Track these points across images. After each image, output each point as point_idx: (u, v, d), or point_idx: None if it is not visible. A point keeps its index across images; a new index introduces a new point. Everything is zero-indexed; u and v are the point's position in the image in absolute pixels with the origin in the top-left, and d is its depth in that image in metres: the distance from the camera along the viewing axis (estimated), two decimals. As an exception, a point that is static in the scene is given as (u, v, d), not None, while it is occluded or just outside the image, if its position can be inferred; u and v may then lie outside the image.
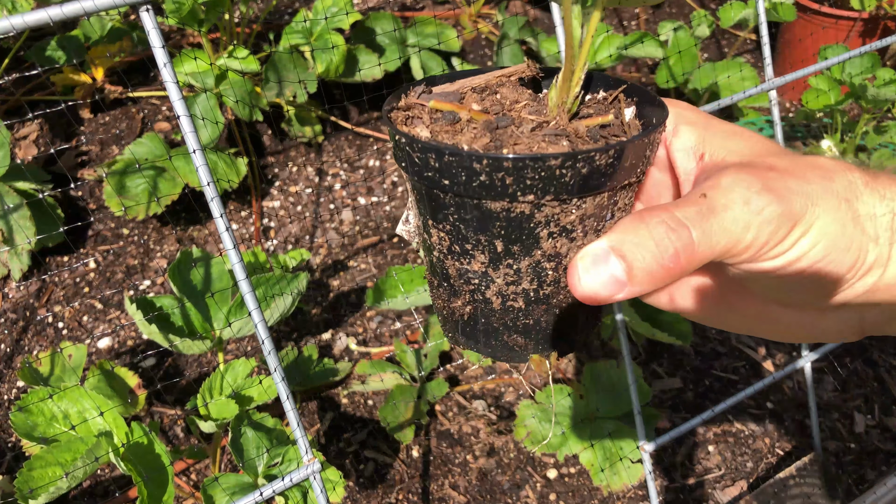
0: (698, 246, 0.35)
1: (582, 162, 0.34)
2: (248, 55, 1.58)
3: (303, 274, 1.14)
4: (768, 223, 0.35)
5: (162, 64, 0.57)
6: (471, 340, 0.42)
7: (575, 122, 0.40)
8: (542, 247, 0.37)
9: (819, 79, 1.62)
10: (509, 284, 0.39)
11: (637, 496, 1.27)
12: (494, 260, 0.38)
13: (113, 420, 0.90)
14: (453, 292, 0.41)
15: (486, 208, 0.36)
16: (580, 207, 0.36)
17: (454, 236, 0.39)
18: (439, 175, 0.36)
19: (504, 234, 0.37)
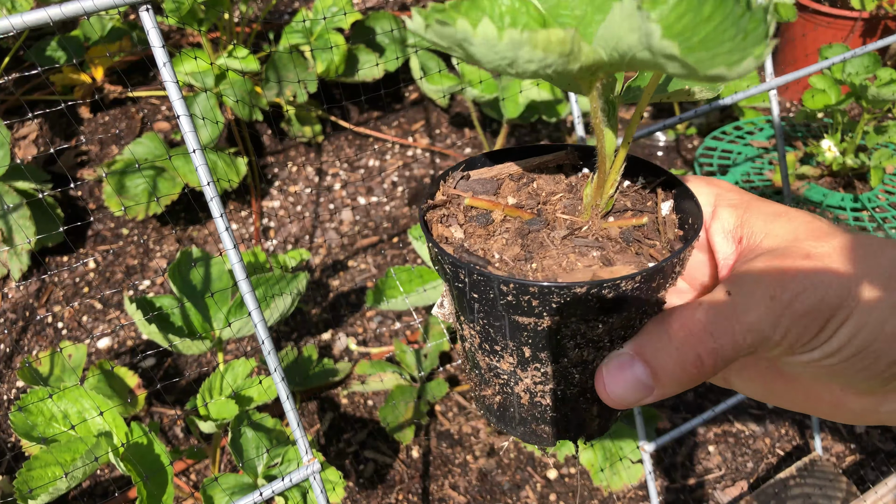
0: (722, 349, 0.34)
1: (607, 289, 0.34)
2: (247, 55, 1.58)
3: (302, 274, 1.14)
4: (799, 319, 0.33)
5: (161, 63, 0.57)
6: (501, 423, 0.43)
7: (609, 221, 0.40)
8: (569, 355, 0.38)
9: (819, 78, 1.62)
10: (537, 384, 0.39)
11: (637, 496, 1.27)
12: (522, 363, 0.39)
13: (112, 420, 0.90)
14: (483, 381, 0.42)
15: (515, 321, 0.37)
16: (606, 323, 0.37)
17: (484, 336, 0.39)
18: (469, 289, 0.36)
19: (532, 342, 0.37)
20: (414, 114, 2.05)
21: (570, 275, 0.36)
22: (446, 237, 0.39)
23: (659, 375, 0.35)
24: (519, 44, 0.28)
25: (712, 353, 0.34)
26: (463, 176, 0.43)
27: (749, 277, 0.35)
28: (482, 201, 0.41)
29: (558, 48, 0.28)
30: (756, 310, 0.34)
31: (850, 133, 1.71)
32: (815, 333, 0.34)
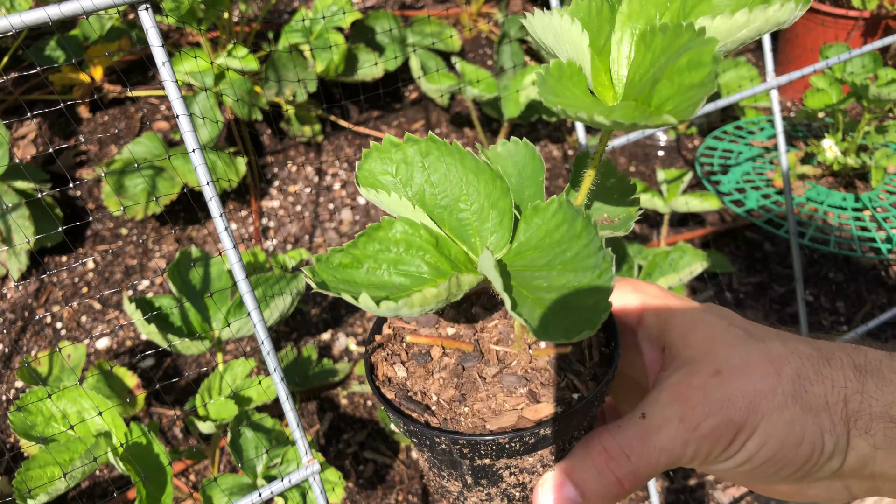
0: (638, 469, 0.38)
1: (529, 436, 0.38)
2: (247, 54, 1.58)
3: (302, 274, 1.14)
4: (705, 438, 0.37)
5: (161, 63, 0.57)
6: None
7: (539, 348, 0.43)
8: (507, 481, 0.42)
9: (820, 78, 1.62)
10: (483, 502, 0.43)
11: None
12: (467, 486, 0.43)
13: (112, 420, 0.89)
14: (440, 493, 0.46)
15: (452, 458, 0.40)
16: (535, 456, 0.40)
17: (430, 464, 0.43)
18: (409, 435, 0.41)
19: (471, 473, 0.41)
20: (414, 113, 2.05)
21: (497, 419, 0.39)
22: (390, 377, 0.42)
23: (586, 495, 0.39)
24: (396, 309, 0.33)
25: (629, 474, 0.38)
26: None
27: (661, 401, 0.39)
28: (422, 338, 0.44)
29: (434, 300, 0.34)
30: (667, 432, 0.38)
31: (851, 133, 1.71)
32: (725, 447, 0.38)
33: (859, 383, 0.38)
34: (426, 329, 0.45)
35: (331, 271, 0.38)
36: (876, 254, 1.53)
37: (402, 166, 0.41)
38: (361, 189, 0.40)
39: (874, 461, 0.38)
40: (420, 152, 0.41)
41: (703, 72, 0.29)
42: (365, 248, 0.40)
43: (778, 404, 0.37)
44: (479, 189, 0.40)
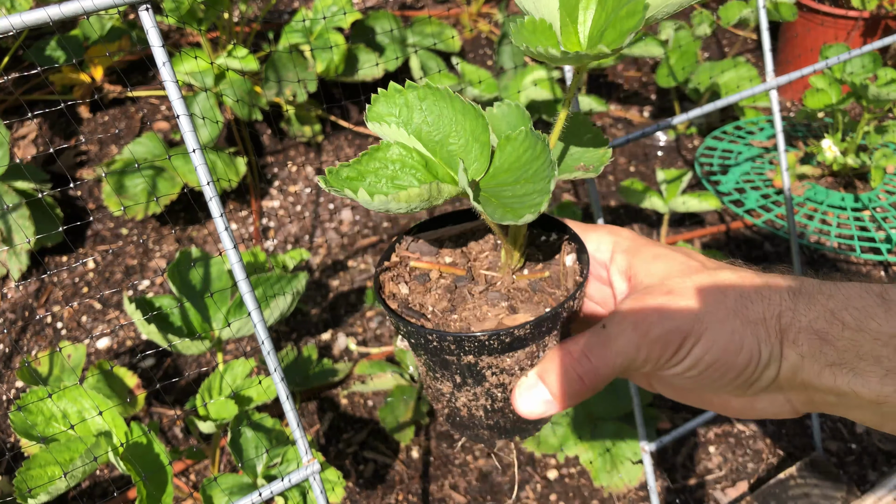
0: (598, 369, 0.45)
1: (505, 335, 0.45)
2: (247, 54, 1.58)
3: (302, 274, 1.14)
4: (656, 342, 0.44)
5: (161, 63, 0.57)
6: (453, 427, 0.55)
7: (522, 274, 0.51)
8: (490, 380, 0.48)
9: (820, 78, 1.62)
10: (470, 401, 0.51)
11: (638, 497, 1.26)
12: (457, 386, 0.50)
13: (112, 420, 0.89)
14: (434, 399, 0.54)
15: (444, 358, 0.48)
16: (512, 357, 0.47)
17: (427, 367, 0.51)
18: (407, 335, 0.48)
19: (459, 372, 0.48)
20: (414, 113, 2.05)
21: (480, 324, 0.47)
22: (394, 293, 0.51)
23: (555, 393, 0.46)
24: (386, 202, 0.41)
25: (590, 372, 0.45)
26: (414, 238, 0.55)
27: (619, 313, 0.46)
28: (424, 263, 0.53)
29: (418, 199, 0.42)
30: (623, 337, 0.44)
31: (850, 133, 1.71)
32: (673, 353, 0.44)
33: (792, 303, 0.44)
34: (427, 258, 0.53)
35: (339, 182, 0.45)
36: (875, 254, 1.53)
37: (403, 109, 0.49)
38: (369, 125, 0.48)
39: (802, 369, 0.43)
40: (418, 97, 0.49)
41: (636, 18, 0.39)
42: (367, 165, 0.47)
43: (721, 317, 0.43)
44: (466, 127, 0.48)
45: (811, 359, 0.42)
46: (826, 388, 0.42)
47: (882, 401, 0.40)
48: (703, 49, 2.38)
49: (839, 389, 0.42)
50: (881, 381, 0.40)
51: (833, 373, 0.42)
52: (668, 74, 1.89)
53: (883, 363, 0.40)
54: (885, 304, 0.41)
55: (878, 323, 0.41)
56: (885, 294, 0.42)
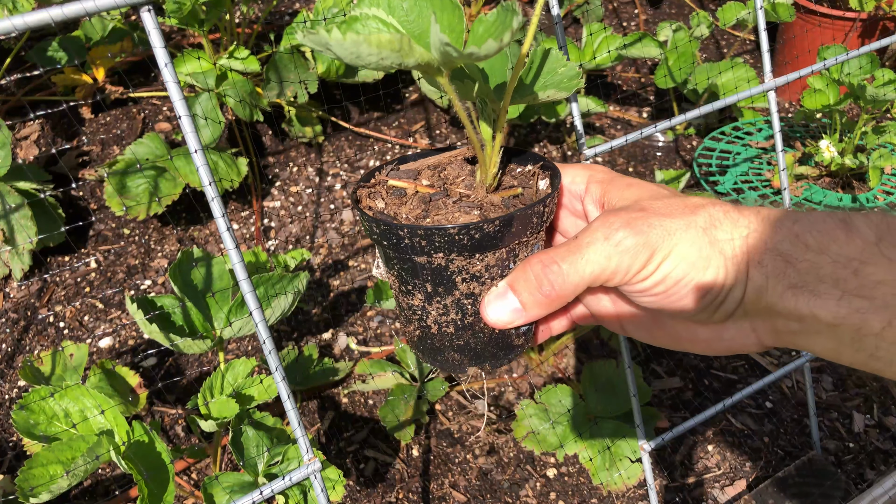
0: (567, 276, 0.45)
1: (474, 230, 0.46)
2: (248, 55, 1.58)
3: (303, 273, 1.14)
4: (626, 252, 0.44)
5: (163, 64, 0.58)
6: (424, 355, 0.55)
7: (494, 194, 0.52)
8: (460, 288, 0.49)
9: (818, 79, 1.62)
10: (441, 315, 0.51)
11: (637, 495, 1.27)
12: (428, 297, 0.50)
13: (114, 419, 0.90)
14: (407, 320, 0.54)
15: (415, 261, 0.48)
16: (482, 261, 0.48)
17: (400, 280, 0.51)
18: (380, 237, 0.48)
19: (431, 279, 0.49)
20: (414, 114, 2.05)
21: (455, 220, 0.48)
22: (371, 206, 0.52)
23: (524, 301, 0.47)
24: (358, 42, 0.39)
25: (559, 280, 0.45)
26: (394, 168, 0.55)
27: (591, 226, 0.46)
28: (401, 182, 0.53)
29: (389, 47, 0.40)
30: (594, 247, 0.45)
31: (848, 133, 1.72)
32: (643, 265, 0.44)
33: (759, 225, 0.44)
34: (406, 180, 0.54)
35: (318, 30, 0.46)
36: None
37: (387, 7, 0.51)
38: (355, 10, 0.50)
39: (766, 291, 0.44)
40: None
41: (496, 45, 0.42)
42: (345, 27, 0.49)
43: (691, 235, 0.44)
44: (443, 20, 0.51)
45: (775, 279, 0.43)
46: (788, 312, 0.43)
47: (838, 323, 0.41)
48: (702, 50, 2.39)
49: (799, 312, 0.42)
50: (838, 303, 0.41)
51: (794, 294, 0.42)
52: (667, 75, 1.89)
53: (840, 285, 0.41)
54: (847, 228, 0.42)
55: (838, 246, 0.42)
56: (847, 219, 0.42)
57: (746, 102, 1.94)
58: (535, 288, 0.46)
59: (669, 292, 0.45)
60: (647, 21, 2.46)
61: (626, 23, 2.45)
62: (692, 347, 0.51)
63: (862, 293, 0.41)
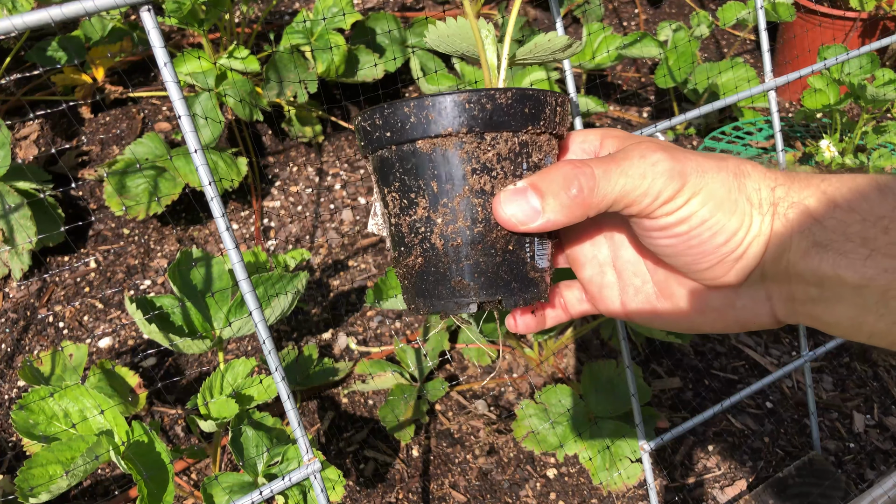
0: (599, 182, 0.42)
1: (486, 99, 0.43)
2: (248, 55, 1.58)
3: (302, 273, 1.14)
4: (661, 174, 0.42)
5: (162, 63, 0.58)
6: (427, 299, 0.48)
7: None
8: (469, 182, 0.45)
9: (818, 78, 1.62)
10: (448, 225, 0.45)
11: (637, 495, 1.27)
12: (433, 202, 0.45)
13: (113, 419, 0.90)
14: (408, 251, 0.48)
15: (420, 152, 0.45)
16: (494, 146, 0.45)
17: (402, 192, 0.46)
18: (382, 129, 0.45)
19: (437, 174, 0.45)
20: (414, 114, 2.05)
21: None
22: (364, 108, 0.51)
23: (546, 201, 0.43)
24: None
25: (591, 184, 0.42)
26: None
27: (625, 148, 0.44)
28: None
29: None
30: (630, 161, 0.43)
31: (848, 133, 1.71)
32: (674, 194, 0.42)
33: (787, 180, 0.44)
34: None
35: None
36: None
37: None
38: None
39: (789, 248, 0.42)
40: None
41: None
42: None
43: (722, 177, 0.43)
44: None
45: (799, 235, 0.42)
46: (809, 274, 0.41)
47: (864, 284, 0.39)
48: (702, 50, 2.39)
49: (822, 273, 0.41)
50: (864, 263, 0.39)
51: (819, 253, 0.41)
52: (667, 75, 1.89)
53: (868, 244, 0.39)
54: (879, 188, 0.40)
55: (869, 204, 0.40)
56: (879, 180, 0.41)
57: (747, 102, 1.94)
58: (560, 187, 0.43)
59: (692, 234, 0.43)
60: (647, 21, 2.46)
61: (626, 22, 2.44)
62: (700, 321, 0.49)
63: (892, 252, 0.39)
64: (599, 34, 1.80)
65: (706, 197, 0.42)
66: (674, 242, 0.44)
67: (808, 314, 0.43)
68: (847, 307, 0.40)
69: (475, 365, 1.45)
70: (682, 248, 0.44)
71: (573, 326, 1.37)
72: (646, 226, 0.45)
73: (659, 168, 0.42)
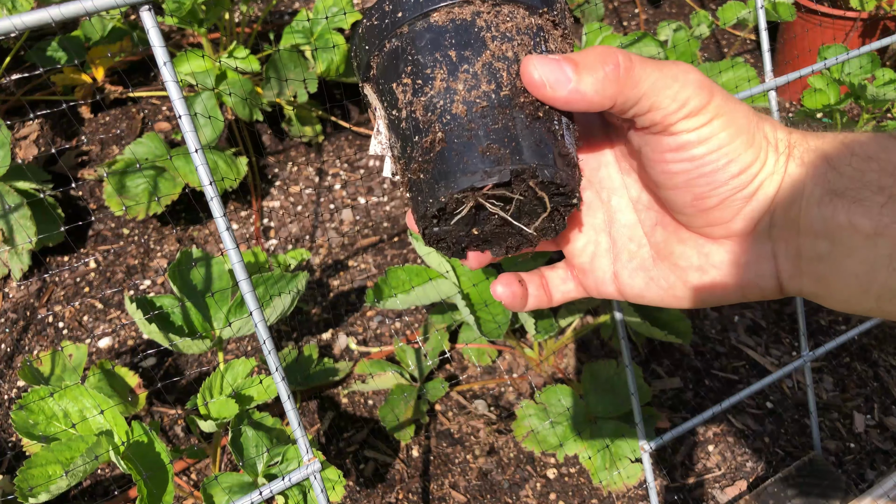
0: (634, 66, 0.40)
1: None
2: (248, 55, 1.58)
3: (302, 273, 1.14)
4: (691, 83, 0.41)
5: (162, 63, 0.58)
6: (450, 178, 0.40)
7: None
8: (490, 47, 0.42)
9: (818, 78, 1.62)
10: (471, 90, 0.41)
11: (637, 496, 1.27)
12: (452, 70, 0.41)
13: (113, 419, 0.90)
14: (425, 132, 0.42)
15: (435, 26, 0.42)
16: (511, 19, 0.42)
17: (416, 73, 0.42)
18: (393, 12, 0.42)
19: (455, 42, 0.42)
20: (414, 114, 2.05)
21: None
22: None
23: (580, 68, 0.40)
24: None
25: (627, 62, 0.40)
26: None
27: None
28: None
29: None
30: (665, 65, 0.41)
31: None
32: (699, 107, 0.41)
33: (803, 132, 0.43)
34: None
35: None
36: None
37: None
38: None
39: (802, 195, 0.41)
40: None
41: None
42: None
43: (744, 110, 0.42)
44: None
45: (813, 182, 0.41)
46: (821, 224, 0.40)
47: (879, 232, 0.38)
48: (702, 50, 2.39)
49: (836, 222, 0.39)
50: (881, 210, 0.38)
51: (832, 201, 0.39)
52: (668, 75, 1.89)
53: (885, 191, 0.38)
54: None
55: (888, 154, 0.39)
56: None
57: (747, 102, 1.94)
58: (596, 60, 0.40)
59: (707, 158, 0.41)
60: (648, 20, 2.45)
61: (627, 22, 2.44)
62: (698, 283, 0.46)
63: None
64: (599, 34, 1.80)
65: (728, 121, 0.41)
66: (687, 168, 0.42)
67: (813, 274, 0.42)
68: (857, 262, 0.39)
69: (475, 365, 1.45)
70: (693, 176, 0.42)
71: (573, 327, 1.37)
72: (662, 144, 0.42)
73: (690, 77, 0.41)
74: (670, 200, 0.45)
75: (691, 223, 0.45)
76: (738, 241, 0.44)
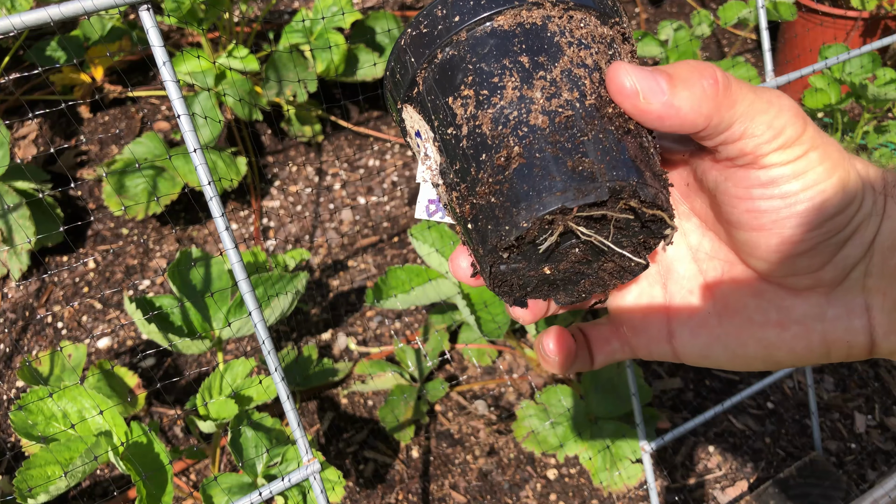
0: (732, 83, 0.35)
1: None
2: (247, 54, 1.58)
3: (302, 273, 1.14)
4: (787, 109, 0.36)
5: (161, 63, 0.57)
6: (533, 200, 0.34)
7: None
8: (567, 53, 0.37)
9: (819, 78, 1.62)
10: (551, 98, 0.36)
11: (637, 496, 1.27)
12: (526, 77, 0.36)
13: (112, 419, 0.90)
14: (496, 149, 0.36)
15: (500, 30, 0.37)
16: (584, 25, 0.38)
17: (479, 83, 0.37)
18: (449, 17, 0.37)
19: (526, 47, 0.37)
20: (414, 113, 2.05)
21: None
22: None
23: (675, 80, 0.35)
24: None
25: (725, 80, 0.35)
26: None
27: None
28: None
29: None
30: (761, 90, 0.36)
31: (849, 132, 1.71)
32: (795, 138, 0.36)
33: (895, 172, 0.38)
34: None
35: None
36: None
37: None
38: None
39: None
40: None
41: None
42: None
43: (834, 142, 0.37)
44: None
45: None
46: None
47: None
48: (703, 49, 2.39)
49: None
50: None
51: None
52: (668, 74, 1.89)
53: None
54: None
55: None
56: None
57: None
58: (692, 73, 0.35)
59: (801, 196, 0.36)
60: (648, 20, 2.45)
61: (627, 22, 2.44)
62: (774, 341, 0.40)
63: None
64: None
65: (824, 155, 0.36)
66: (777, 206, 0.36)
67: None
68: None
69: (475, 365, 1.45)
70: (783, 216, 0.37)
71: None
72: (749, 179, 0.37)
73: (784, 102, 0.36)
74: (751, 244, 0.39)
75: (772, 272, 0.39)
76: (824, 293, 0.39)
